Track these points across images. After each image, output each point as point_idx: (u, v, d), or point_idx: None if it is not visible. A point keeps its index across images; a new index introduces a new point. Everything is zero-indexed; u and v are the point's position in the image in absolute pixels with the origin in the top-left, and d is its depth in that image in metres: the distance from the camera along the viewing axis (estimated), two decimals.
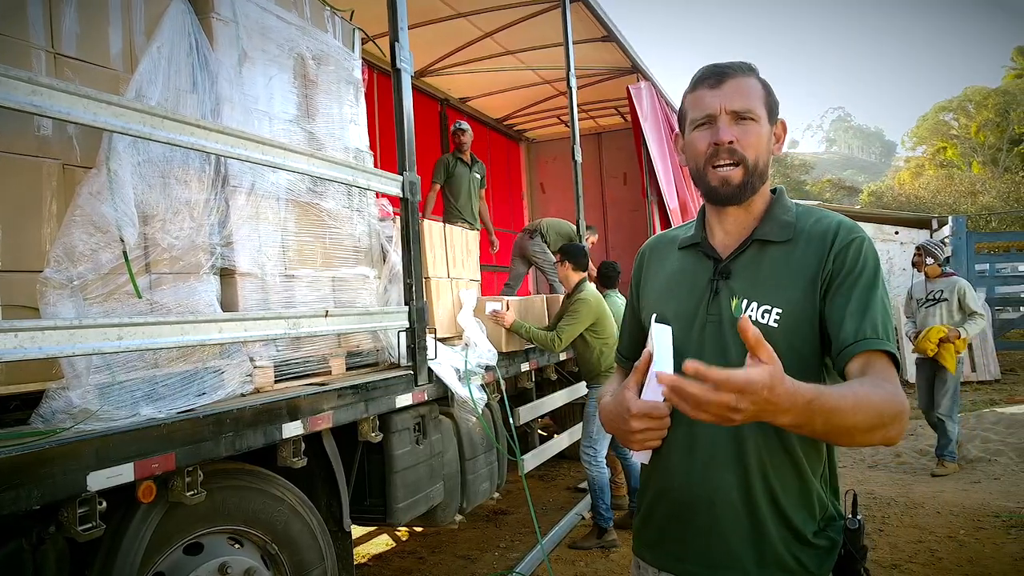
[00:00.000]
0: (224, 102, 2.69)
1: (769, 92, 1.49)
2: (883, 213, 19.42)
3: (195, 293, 2.49)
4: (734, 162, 1.43)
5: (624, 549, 4.59)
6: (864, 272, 1.40)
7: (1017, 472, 5.73)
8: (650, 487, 1.57)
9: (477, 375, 3.88)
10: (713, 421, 1.11)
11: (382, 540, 4.92)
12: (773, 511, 1.42)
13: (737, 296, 1.46)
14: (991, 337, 10.96)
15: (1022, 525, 4.46)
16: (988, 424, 7.25)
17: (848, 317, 1.37)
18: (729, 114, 1.44)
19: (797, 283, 1.43)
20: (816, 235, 1.46)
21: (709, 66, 1.50)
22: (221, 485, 2.43)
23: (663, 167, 7.84)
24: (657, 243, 1.72)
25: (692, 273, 1.55)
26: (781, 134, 1.53)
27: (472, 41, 7.26)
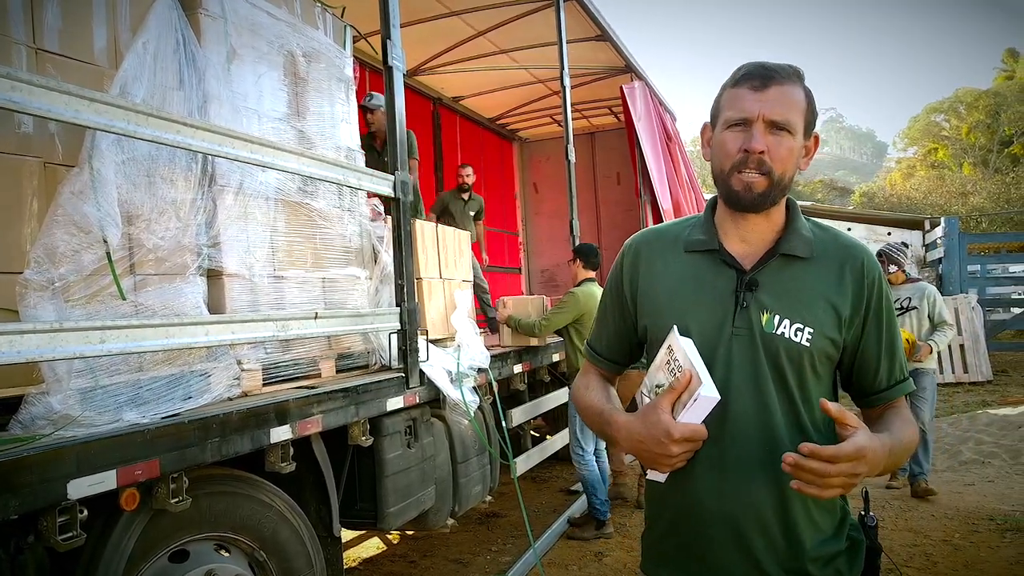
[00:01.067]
0: (212, 99, 2.63)
1: (811, 104, 1.43)
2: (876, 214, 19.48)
3: (181, 295, 2.43)
4: (760, 172, 1.39)
5: (618, 553, 4.55)
6: (889, 311, 1.47)
7: (1011, 475, 5.71)
8: (668, 506, 1.51)
9: (469, 377, 3.83)
10: (841, 491, 1.24)
11: (372, 544, 4.87)
12: (809, 528, 1.41)
13: (768, 311, 1.42)
14: (983, 338, 10.98)
15: (1017, 528, 4.44)
16: (981, 426, 7.24)
17: (883, 358, 1.46)
18: (766, 122, 1.37)
19: (821, 304, 1.42)
20: (839, 259, 1.45)
21: (756, 65, 1.42)
22: (207, 491, 2.38)
23: (656, 167, 7.80)
24: (654, 239, 1.61)
25: (711, 282, 1.48)
26: (812, 148, 1.48)
27: (465, 40, 7.21)
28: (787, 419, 1.40)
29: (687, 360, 1.36)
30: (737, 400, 1.41)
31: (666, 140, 8.52)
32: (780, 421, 1.39)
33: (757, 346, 1.41)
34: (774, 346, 1.40)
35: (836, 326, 1.41)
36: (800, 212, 1.51)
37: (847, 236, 1.51)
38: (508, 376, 4.67)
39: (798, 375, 1.40)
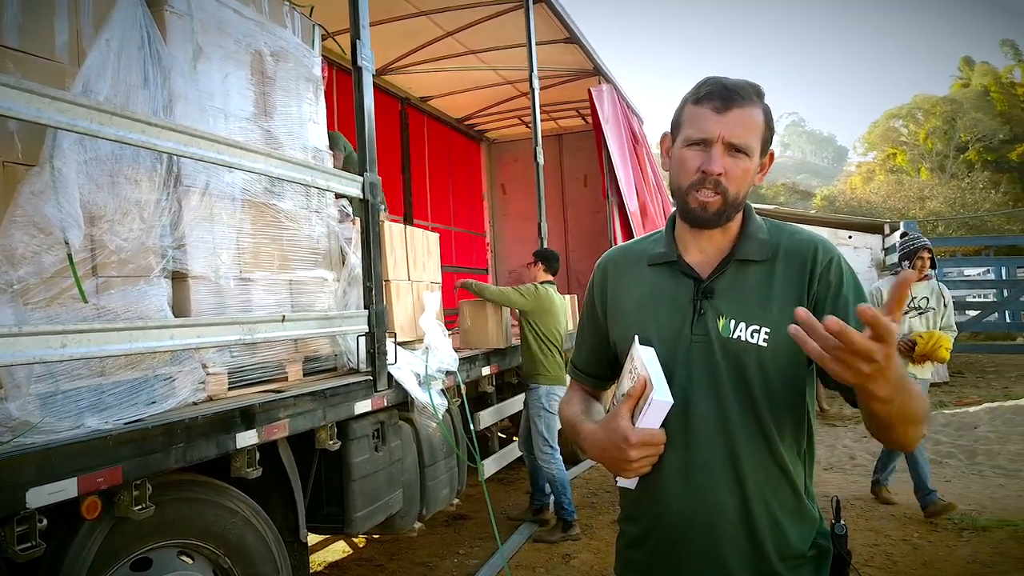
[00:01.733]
0: (177, 99, 2.58)
1: (768, 122, 1.45)
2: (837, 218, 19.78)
3: (145, 297, 2.38)
4: (716, 192, 1.41)
5: (585, 555, 4.56)
6: (851, 289, 1.43)
7: (967, 474, 5.85)
8: (642, 512, 1.53)
9: (437, 380, 3.82)
10: (850, 375, 1.09)
11: (338, 547, 4.83)
12: (772, 531, 1.41)
13: (724, 316, 1.44)
14: None
15: (973, 528, 4.55)
16: (938, 426, 7.40)
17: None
18: (725, 144, 1.40)
19: (780, 303, 1.43)
20: (793, 253, 1.46)
21: (718, 84, 1.43)
22: (171, 497, 2.34)
23: (623, 169, 7.85)
24: (620, 256, 1.66)
25: (671, 292, 1.51)
26: (767, 164, 1.51)
27: (433, 40, 7.18)
28: (747, 423, 1.42)
29: (643, 367, 1.39)
30: (698, 405, 1.44)
31: (633, 143, 8.57)
32: (739, 425, 1.42)
33: (715, 351, 1.43)
34: (732, 350, 1.42)
35: None
36: (755, 215, 1.54)
37: (801, 231, 1.52)
38: (476, 378, 4.67)
39: (760, 377, 1.42)
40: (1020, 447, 6.38)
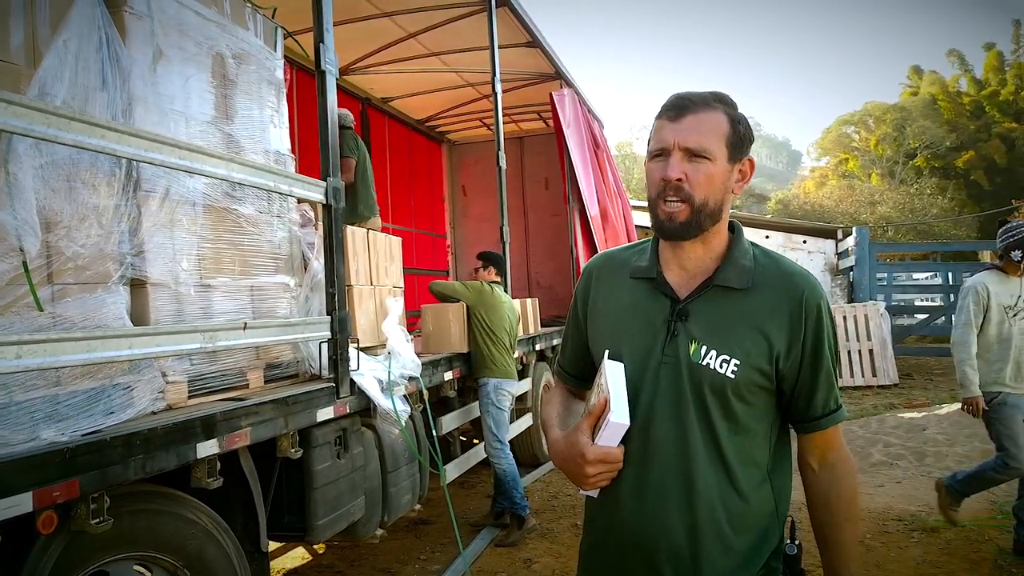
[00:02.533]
0: (137, 102, 2.53)
1: (735, 129, 1.44)
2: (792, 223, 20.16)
3: (103, 305, 2.33)
4: (680, 199, 1.41)
5: (547, 559, 4.58)
6: (828, 340, 1.47)
7: (917, 476, 6.00)
8: (598, 524, 1.56)
9: (400, 386, 3.80)
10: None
11: (298, 554, 4.77)
12: (721, 553, 1.43)
13: (696, 341, 1.44)
14: (890, 343, 11.50)
15: (923, 529, 4.67)
16: (889, 428, 7.58)
17: (820, 389, 1.47)
18: (682, 151, 1.41)
19: (753, 337, 1.43)
20: (778, 288, 1.46)
21: (675, 96, 1.46)
22: (129, 509, 2.28)
23: (584, 173, 7.90)
24: (607, 263, 1.66)
25: (647, 309, 1.52)
26: (748, 171, 1.50)
27: (395, 41, 7.15)
28: (706, 448, 1.43)
29: (607, 385, 1.42)
30: (659, 427, 1.45)
31: (594, 147, 8.64)
32: (698, 450, 1.43)
33: (682, 375, 1.44)
34: (699, 376, 1.43)
35: (767, 357, 1.43)
36: (743, 239, 1.52)
37: (791, 265, 1.52)
38: (439, 383, 4.65)
39: (722, 407, 1.43)
40: (967, 449, 6.56)
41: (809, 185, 39.86)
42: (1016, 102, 32.59)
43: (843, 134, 39.52)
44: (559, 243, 8.83)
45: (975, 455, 6.40)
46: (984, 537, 4.46)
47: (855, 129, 38.94)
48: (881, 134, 35.66)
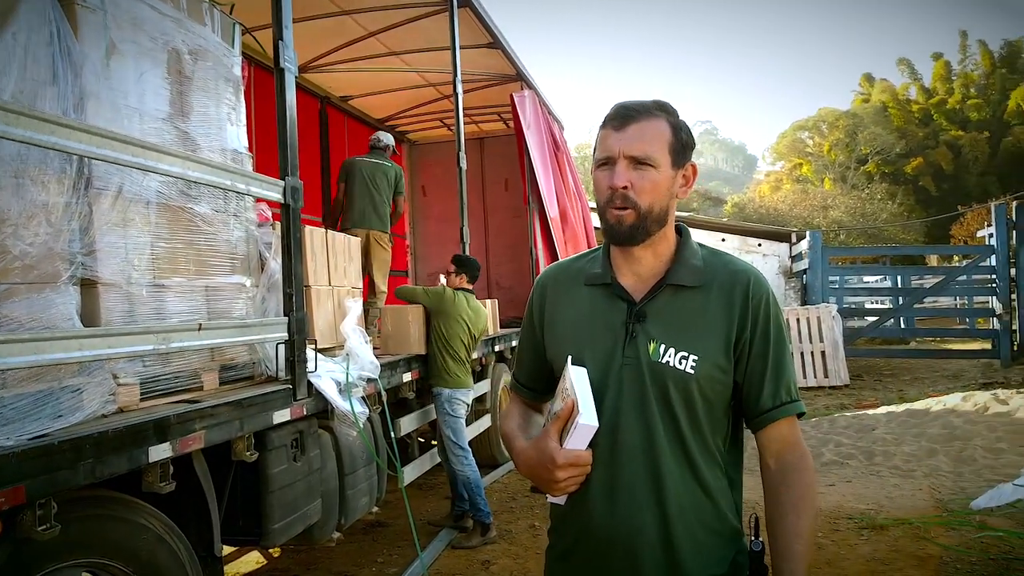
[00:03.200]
0: (89, 97, 2.47)
1: (677, 136, 1.48)
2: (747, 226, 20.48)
3: (51, 305, 2.27)
4: (627, 207, 1.45)
5: (505, 560, 4.58)
6: (776, 330, 1.50)
7: (867, 475, 6.15)
8: (568, 527, 1.56)
9: (358, 387, 3.77)
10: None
11: (252, 558, 4.70)
12: (691, 551, 1.45)
13: (654, 340, 1.47)
14: (841, 345, 11.76)
15: (873, 527, 4.78)
16: (840, 428, 7.75)
17: (766, 382, 1.48)
18: (627, 159, 1.44)
19: (710, 332, 1.47)
20: (727, 285, 1.50)
21: (618, 105, 1.49)
22: (78, 515, 2.23)
23: (544, 175, 7.93)
24: (559, 274, 1.69)
25: (605, 314, 1.54)
26: (691, 177, 1.54)
27: (356, 39, 7.09)
28: (672, 446, 1.46)
29: (573, 389, 1.43)
30: (626, 428, 1.47)
31: (554, 149, 8.67)
32: (664, 449, 1.45)
33: (644, 375, 1.47)
34: (661, 375, 1.46)
35: (724, 352, 1.47)
36: (691, 241, 1.57)
37: (736, 261, 1.57)
38: (397, 385, 4.63)
39: (685, 403, 1.46)
40: (914, 448, 6.74)
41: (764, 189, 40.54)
42: (962, 111, 33.59)
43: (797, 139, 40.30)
44: (519, 244, 8.85)
45: (921, 454, 6.58)
46: (931, 535, 4.58)
47: (809, 134, 39.73)
48: (834, 140, 36.45)
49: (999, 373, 11.44)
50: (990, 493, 5.15)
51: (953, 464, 6.26)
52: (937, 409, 7.86)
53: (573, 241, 8.78)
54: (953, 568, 4.07)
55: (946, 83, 35.00)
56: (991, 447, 6.48)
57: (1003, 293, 12.25)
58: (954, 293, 15.96)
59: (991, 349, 12.62)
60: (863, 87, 38.97)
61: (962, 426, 7.08)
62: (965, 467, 6.14)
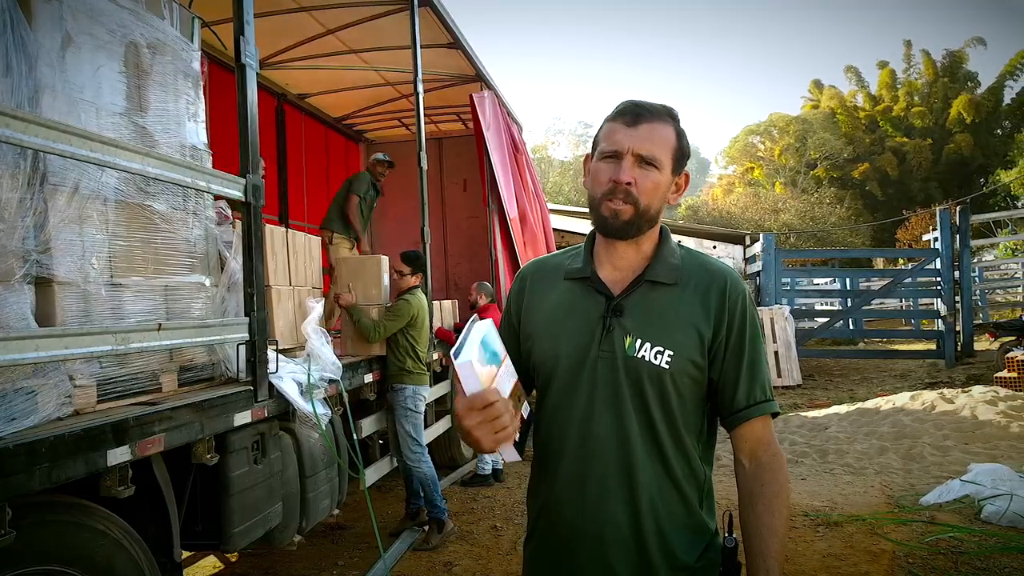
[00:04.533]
0: (45, 90, 2.39)
1: (681, 143, 1.51)
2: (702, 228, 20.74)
3: (4, 305, 2.19)
4: (627, 202, 1.46)
5: (467, 562, 4.57)
6: (752, 330, 1.52)
7: (820, 473, 6.27)
8: (541, 518, 1.57)
9: (320, 389, 3.72)
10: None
11: (209, 563, 4.60)
12: (660, 544, 1.47)
13: (631, 335, 1.48)
14: (794, 346, 11.99)
15: (827, 523, 4.88)
16: (794, 427, 7.90)
17: (741, 380, 1.50)
18: (635, 156, 1.46)
19: (684, 328, 1.49)
20: (703, 282, 1.53)
21: (631, 102, 1.51)
22: (32, 521, 2.15)
23: (504, 176, 7.93)
24: (539, 268, 1.70)
25: (583, 307, 1.55)
26: (683, 185, 1.57)
27: (313, 36, 7.00)
28: (644, 440, 1.47)
29: (462, 337, 1.37)
30: (599, 421, 1.48)
31: (513, 150, 8.67)
32: (637, 442, 1.47)
33: (619, 368, 1.48)
34: (635, 369, 1.47)
35: (699, 349, 1.49)
36: (670, 240, 1.60)
37: (713, 261, 1.60)
38: (359, 386, 4.58)
39: (659, 397, 1.47)
40: (865, 446, 6.90)
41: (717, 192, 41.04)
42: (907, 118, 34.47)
43: (749, 143, 40.87)
44: (477, 244, 8.84)
45: (872, 452, 6.75)
46: (883, 530, 4.69)
47: (760, 139, 40.33)
48: (784, 144, 37.09)
49: (944, 373, 11.79)
50: (939, 489, 5.30)
51: (903, 461, 6.43)
52: (887, 408, 8.06)
53: (532, 242, 8.79)
54: (906, 562, 4.17)
55: (891, 91, 35.89)
56: (938, 445, 6.67)
57: (947, 295, 12.64)
58: (900, 295, 16.41)
59: (936, 350, 12.98)
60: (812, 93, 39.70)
61: (911, 424, 7.28)
62: (914, 464, 6.31)
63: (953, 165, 32.65)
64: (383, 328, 4.90)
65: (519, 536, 4.87)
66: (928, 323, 15.34)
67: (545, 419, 1.58)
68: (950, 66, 34.41)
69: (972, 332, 13.07)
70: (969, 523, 4.67)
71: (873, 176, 33.24)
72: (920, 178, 32.87)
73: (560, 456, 1.52)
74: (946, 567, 4.08)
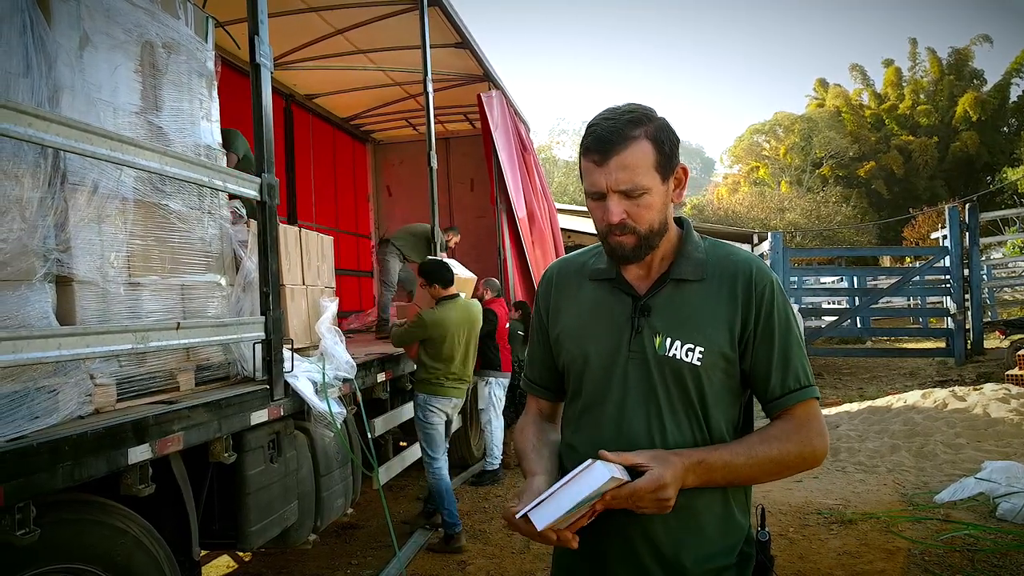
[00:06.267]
0: (63, 89, 2.40)
1: (661, 150, 1.43)
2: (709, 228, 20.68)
3: (26, 303, 2.20)
4: (625, 233, 1.44)
5: (481, 561, 4.56)
6: (782, 317, 1.49)
7: (832, 471, 6.25)
8: None
9: (334, 387, 3.72)
10: (657, 511, 1.37)
11: (223, 562, 4.61)
12: (697, 539, 1.46)
13: (660, 334, 1.47)
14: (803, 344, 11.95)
15: (841, 521, 4.87)
16: None
17: (774, 369, 1.47)
18: (617, 193, 1.42)
19: (714, 322, 1.47)
20: (728, 275, 1.50)
21: (594, 136, 1.43)
22: (55, 519, 2.16)
23: (512, 176, 7.93)
24: (563, 268, 1.69)
25: (610, 309, 1.54)
26: (682, 179, 1.51)
27: (322, 37, 7.02)
28: (679, 437, 1.46)
29: (572, 479, 1.33)
30: (633, 420, 1.47)
31: (521, 150, 8.68)
32: (672, 439, 1.45)
33: (651, 368, 1.47)
34: (667, 368, 1.46)
35: (729, 342, 1.47)
36: (693, 233, 1.57)
37: (738, 251, 1.56)
38: (372, 385, 4.58)
39: (693, 394, 1.46)
40: (876, 444, 6.88)
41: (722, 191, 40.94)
42: (912, 116, 34.39)
43: (754, 143, 40.80)
44: (485, 244, 8.83)
45: (884, 450, 6.72)
46: (898, 528, 4.67)
47: (765, 138, 40.26)
48: (790, 143, 37.03)
49: (954, 371, 11.73)
50: (953, 487, 5.28)
51: (915, 459, 6.40)
52: (898, 406, 8.03)
53: (540, 241, 8.79)
54: (921, 560, 4.16)
55: (897, 89, 35.80)
56: (951, 442, 6.64)
57: (957, 293, 12.57)
58: (908, 294, 16.33)
59: (945, 348, 12.92)
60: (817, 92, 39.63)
61: (922, 422, 7.24)
62: (927, 462, 6.29)
63: (959, 163, 32.57)
64: (396, 339, 5.04)
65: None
66: (937, 321, 15.27)
67: (576, 421, 1.57)
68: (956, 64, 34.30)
69: (982, 330, 13.00)
70: (984, 521, 4.65)
71: (879, 174, 33.16)
72: (926, 176, 32.79)
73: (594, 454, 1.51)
74: (962, 564, 4.06)
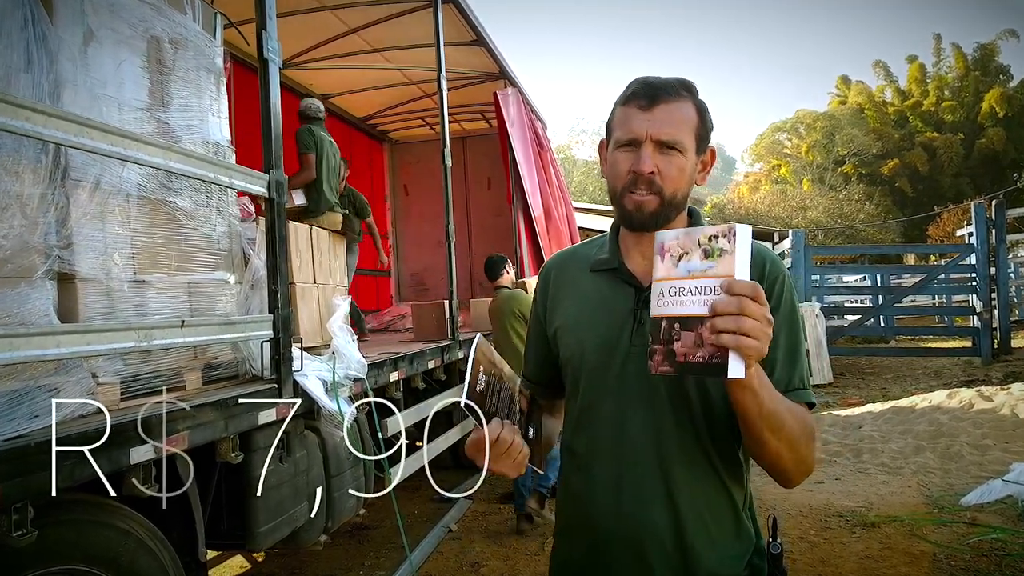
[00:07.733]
0: (66, 85, 2.38)
1: (703, 119, 1.39)
2: None
3: (27, 301, 2.17)
4: (651, 192, 1.36)
5: (494, 563, 4.51)
6: (791, 313, 1.41)
7: (855, 472, 6.13)
8: (571, 525, 1.49)
9: (345, 387, 3.68)
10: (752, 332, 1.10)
11: (236, 563, 4.59)
12: (706, 548, 1.37)
13: None
14: (825, 344, 11.79)
15: (863, 524, 4.76)
16: (826, 427, 7.74)
17: (781, 363, 1.37)
18: (654, 143, 1.35)
19: None
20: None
21: (643, 83, 1.39)
22: (55, 520, 2.13)
23: (528, 174, 7.87)
24: (564, 261, 1.62)
25: (611, 300, 1.47)
26: (709, 162, 1.46)
27: (337, 36, 7.00)
28: (683, 437, 1.38)
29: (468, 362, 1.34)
30: (632, 418, 1.40)
31: (538, 148, 8.61)
32: (674, 439, 1.38)
33: None
34: None
35: None
36: (703, 222, 1.49)
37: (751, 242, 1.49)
38: (384, 384, 4.54)
39: (698, 390, 1.38)
40: (900, 445, 6.74)
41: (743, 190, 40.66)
42: (937, 113, 33.97)
43: (775, 141, 40.48)
44: (502, 243, 8.77)
45: (908, 451, 6.58)
46: (922, 532, 4.56)
47: (787, 136, 39.92)
48: (812, 141, 36.69)
49: (980, 370, 11.52)
50: (980, 489, 5.14)
51: (940, 461, 6.26)
52: (923, 406, 7.88)
53: (557, 240, 8.72)
54: (947, 565, 4.05)
55: (921, 85, 35.37)
56: (977, 444, 6.49)
57: (983, 291, 12.34)
58: (933, 292, 16.08)
59: (971, 347, 12.69)
60: (840, 89, 39.25)
61: (948, 423, 7.10)
62: (952, 464, 6.14)
63: (985, 160, 32.11)
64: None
65: (547, 536, 4.80)
66: (962, 320, 15.02)
67: (576, 418, 1.50)
68: (981, 59, 33.84)
69: (1009, 329, 12.75)
70: (1013, 524, 4.52)
71: (903, 172, 32.78)
72: (951, 174, 32.37)
73: (593, 456, 1.44)
74: (989, 570, 3.95)
